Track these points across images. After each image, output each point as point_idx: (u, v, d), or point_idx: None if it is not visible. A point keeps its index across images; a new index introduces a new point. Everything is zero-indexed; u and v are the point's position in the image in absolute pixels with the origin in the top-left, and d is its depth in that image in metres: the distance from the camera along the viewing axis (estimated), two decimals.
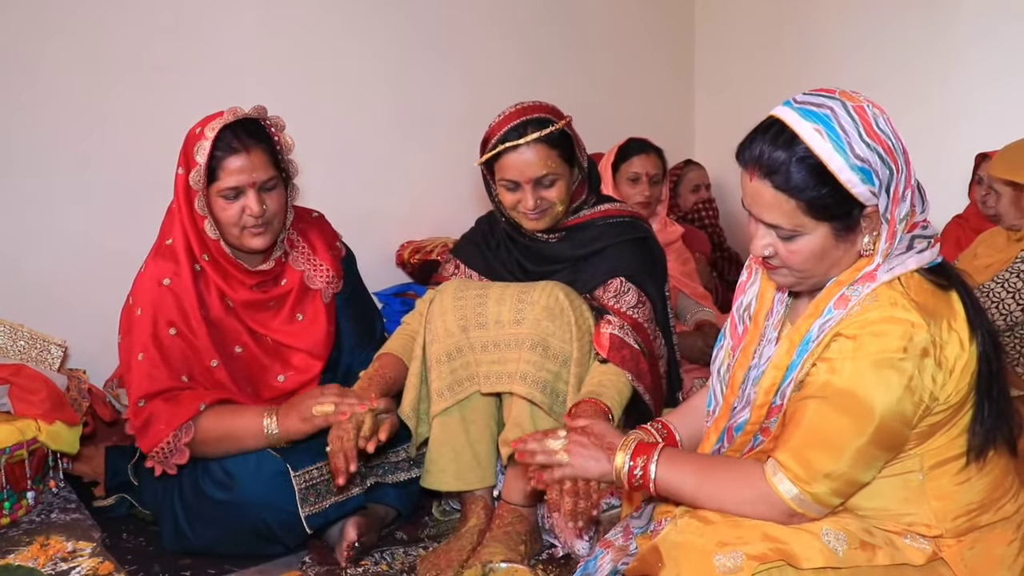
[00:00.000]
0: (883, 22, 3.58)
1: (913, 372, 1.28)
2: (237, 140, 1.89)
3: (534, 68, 3.64)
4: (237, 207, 1.91)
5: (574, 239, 2.11)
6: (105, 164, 2.63)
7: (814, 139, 1.29)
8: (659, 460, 1.45)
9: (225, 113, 1.90)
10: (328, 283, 2.12)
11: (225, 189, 1.90)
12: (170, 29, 2.72)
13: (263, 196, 1.93)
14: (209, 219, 1.92)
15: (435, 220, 3.35)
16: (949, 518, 1.39)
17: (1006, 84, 3.22)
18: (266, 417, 1.90)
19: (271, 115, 1.97)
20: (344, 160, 3.16)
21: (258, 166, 1.91)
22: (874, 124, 1.30)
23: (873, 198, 1.30)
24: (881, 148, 1.29)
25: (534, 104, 2.03)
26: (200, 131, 1.89)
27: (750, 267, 1.61)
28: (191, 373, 1.94)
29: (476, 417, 2.03)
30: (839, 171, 1.28)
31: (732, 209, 4.21)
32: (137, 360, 1.91)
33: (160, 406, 1.90)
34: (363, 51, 3.17)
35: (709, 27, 4.31)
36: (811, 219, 1.32)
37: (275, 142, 1.98)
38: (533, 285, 2.00)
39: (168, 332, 1.92)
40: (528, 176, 1.98)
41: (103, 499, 2.23)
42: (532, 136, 1.95)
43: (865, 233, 1.34)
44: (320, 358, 2.09)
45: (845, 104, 1.31)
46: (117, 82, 2.64)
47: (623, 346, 1.95)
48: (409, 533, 2.13)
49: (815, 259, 1.36)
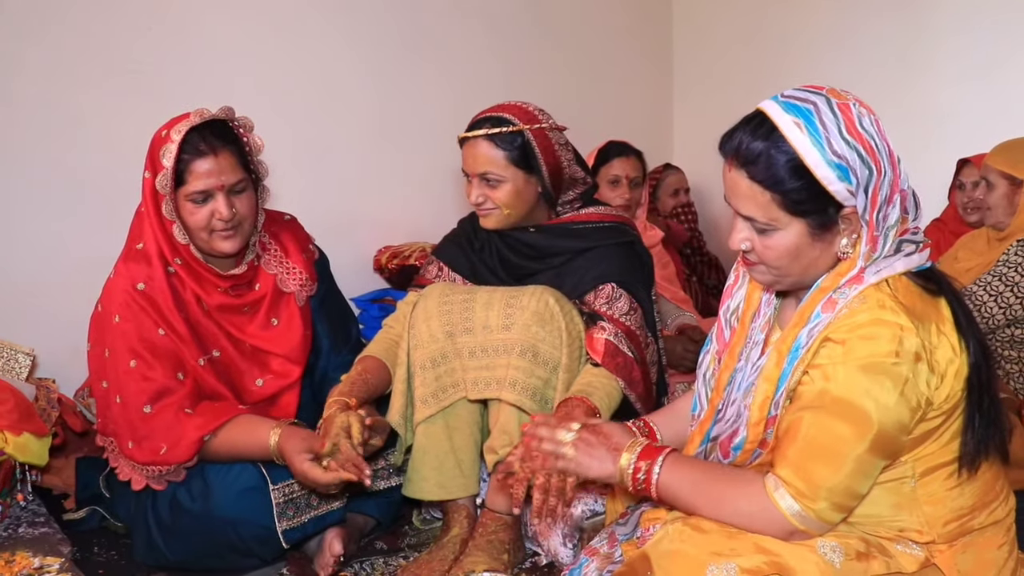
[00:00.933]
0: (860, 26, 3.60)
1: (908, 376, 1.27)
2: (204, 142, 1.85)
3: (513, 72, 3.62)
4: (206, 211, 1.87)
5: (557, 232, 2.09)
6: (78, 167, 2.57)
7: (792, 132, 1.27)
8: (663, 464, 1.42)
9: (191, 115, 1.85)
10: (302, 286, 2.08)
11: (193, 193, 1.86)
12: (148, 31, 2.67)
13: (232, 199, 1.89)
14: (178, 223, 1.88)
15: (413, 225, 3.31)
16: (941, 523, 1.37)
17: (983, 88, 3.25)
18: (272, 432, 1.86)
19: (240, 116, 1.93)
20: (321, 163, 3.12)
21: (226, 169, 1.87)
22: (857, 123, 1.28)
23: (851, 197, 1.28)
24: (861, 147, 1.27)
25: (509, 104, 2.02)
26: (166, 133, 1.84)
27: (737, 271, 1.60)
28: (183, 371, 1.91)
29: (460, 424, 2.00)
30: (815, 166, 1.26)
31: (711, 213, 4.21)
32: (128, 367, 1.87)
33: (171, 416, 1.86)
34: (342, 55, 3.14)
35: (687, 30, 4.32)
36: (785, 213, 1.31)
37: (244, 143, 1.94)
38: (522, 290, 1.98)
39: (157, 332, 1.89)
40: (474, 170, 2.00)
41: (73, 512, 2.18)
42: (480, 132, 1.97)
43: (843, 235, 1.33)
44: (298, 363, 2.06)
45: (830, 101, 1.30)
46: (93, 84, 2.58)
47: (617, 353, 1.94)
48: (389, 543, 2.10)
49: (789, 257, 1.34)
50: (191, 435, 1.85)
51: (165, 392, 1.87)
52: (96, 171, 2.58)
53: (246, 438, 1.87)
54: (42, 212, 2.54)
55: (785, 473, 1.32)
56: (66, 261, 2.55)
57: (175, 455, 1.85)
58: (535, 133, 1.98)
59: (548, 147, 2.01)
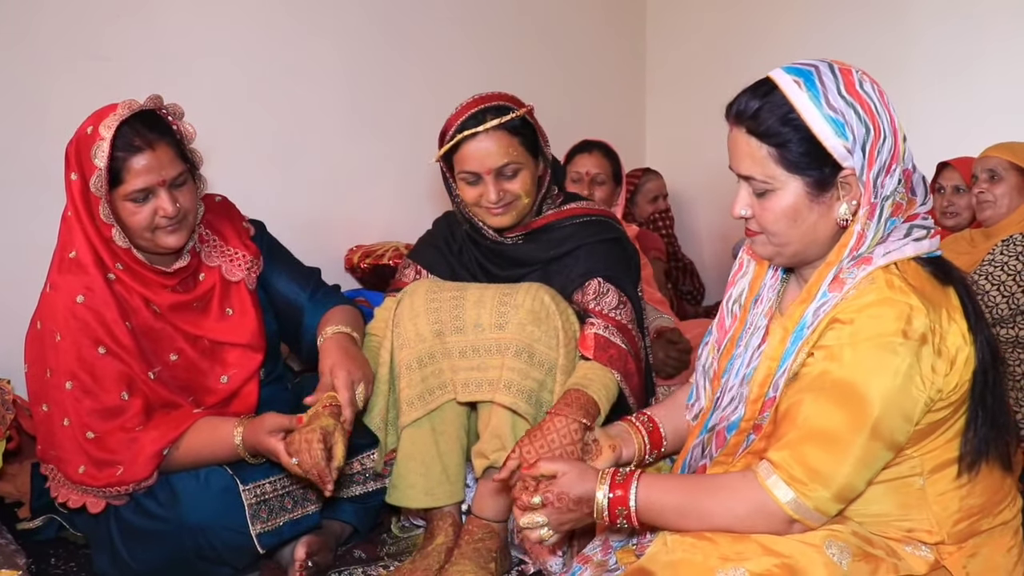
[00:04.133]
0: (834, 29, 3.62)
1: (912, 360, 1.25)
2: (139, 137, 1.72)
3: (487, 70, 3.57)
4: (148, 209, 1.75)
5: (541, 240, 2.02)
6: (37, 157, 2.45)
7: (791, 88, 1.30)
8: (639, 489, 1.38)
9: (119, 107, 1.72)
10: (249, 269, 1.98)
11: (133, 192, 1.73)
12: (111, 17, 2.57)
13: (175, 193, 1.78)
14: (116, 227, 1.76)
15: (386, 224, 3.25)
16: (950, 523, 1.35)
17: (957, 91, 3.27)
18: (236, 428, 1.78)
19: (168, 103, 1.81)
20: (290, 159, 3.04)
21: (166, 162, 1.75)
22: (857, 84, 1.31)
23: (848, 156, 1.28)
24: (859, 105, 1.29)
25: (492, 93, 1.96)
26: (93, 130, 1.72)
27: (741, 259, 1.58)
28: (130, 389, 1.79)
29: (446, 428, 1.93)
30: (812, 120, 1.28)
31: (686, 219, 4.21)
32: (65, 390, 1.75)
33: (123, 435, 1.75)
34: (313, 48, 3.07)
35: (660, 34, 4.33)
36: (783, 170, 1.31)
37: (176, 132, 1.82)
38: (516, 287, 1.91)
39: (97, 352, 1.76)
40: (488, 166, 1.90)
41: (28, 521, 2.09)
42: (491, 123, 1.88)
43: (843, 200, 1.32)
44: (259, 349, 1.96)
45: (832, 65, 1.32)
46: (58, 72, 2.48)
47: (609, 345, 1.87)
48: (367, 551, 2.03)
49: (787, 219, 1.34)
50: (148, 449, 1.75)
51: (111, 414, 1.77)
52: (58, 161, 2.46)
53: (210, 442, 1.78)
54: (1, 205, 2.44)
55: (780, 457, 1.29)
56: (24, 255, 2.41)
57: (133, 473, 1.75)
58: (530, 115, 1.95)
59: (540, 128, 1.98)
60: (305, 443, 1.64)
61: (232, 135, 2.73)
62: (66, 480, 1.80)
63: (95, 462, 1.76)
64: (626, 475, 1.40)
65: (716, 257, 4.12)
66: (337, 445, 1.67)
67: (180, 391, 1.88)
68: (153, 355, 1.84)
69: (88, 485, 1.77)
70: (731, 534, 1.31)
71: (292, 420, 1.72)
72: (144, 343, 1.83)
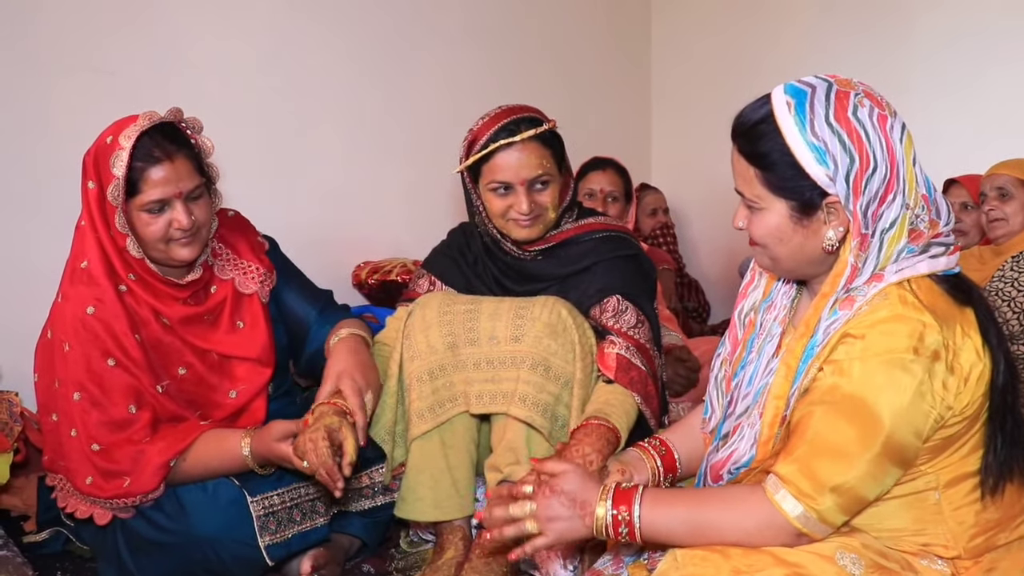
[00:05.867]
0: (838, 47, 3.64)
1: (923, 377, 1.23)
2: (158, 148, 1.73)
3: (494, 87, 3.58)
4: (163, 221, 1.75)
5: (559, 256, 2.01)
6: (45, 172, 2.46)
7: (781, 110, 1.28)
8: (642, 503, 1.36)
9: (139, 118, 1.73)
10: (262, 282, 1.97)
11: (149, 203, 1.73)
12: (118, 31, 2.58)
13: (190, 206, 1.78)
14: (131, 237, 1.76)
15: (393, 240, 3.25)
16: (967, 538, 1.33)
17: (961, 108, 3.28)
18: (243, 439, 1.77)
19: (187, 116, 1.82)
20: (298, 175, 3.04)
21: (183, 175, 1.76)
22: (850, 111, 1.27)
23: (831, 184, 1.27)
24: (846, 134, 1.26)
25: (520, 105, 1.96)
26: (112, 139, 1.72)
27: (753, 271, 1.57)
28: (138, 402, 1.78)
29: (456, 441, 1.91)
30: (795, 146, 1.27)
31: (692, 236, 4.20)
32: (73, 401, 1.75)
33: (130, 447, 1.75)
34: (319, 63, 3.08)
35: (666, 50, 4.35)
36: (768, 192, 1.32)
37: (194, 146, 1.82)
38: (532, 300, 1.89)
39: (107, 364, 1.76)
40: (523, 177, 1.89)
41: (35, 534, 2.07)
42: (528, 133, 1.88)
43: (829, 226, 1.31)
44: (268, 364, 1.94)
45: (831, 86, 1.30)
46: (61, 81, 2.48)
47: (630, 367, 1.86)
48: (376, 566, 2.01)
49: (773, 238, 1.35)
50: (155, 461, 1.74)
51: (118, 426, 1.76)
52: (68, 176, 2.46)
53: (217, 454, 1.77)
54: (7, 219, 2.43)
55: (788, 471, 1.28)
56: (30, 266, 2.42)
57: (140, 485, 1.74)
58: (554, 128, 1.95)
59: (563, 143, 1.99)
60: (311, 443, 1.63)
61: (239, 151, 2.72)
62: (74, 490, 1.79)
63: (102, 473, 1.75)
64: (629, 490, 1.38)
65: (722, 274, 4.11)
66: (347, 441, 1.65)
67: (188, 405, 1.87)
68: (162, 368, 1.83)
69: (95, 496, 1.76)
70: (740, 547, 1.30)
71: (298, 424, 1.71)
72: (153, 356, 1.82)
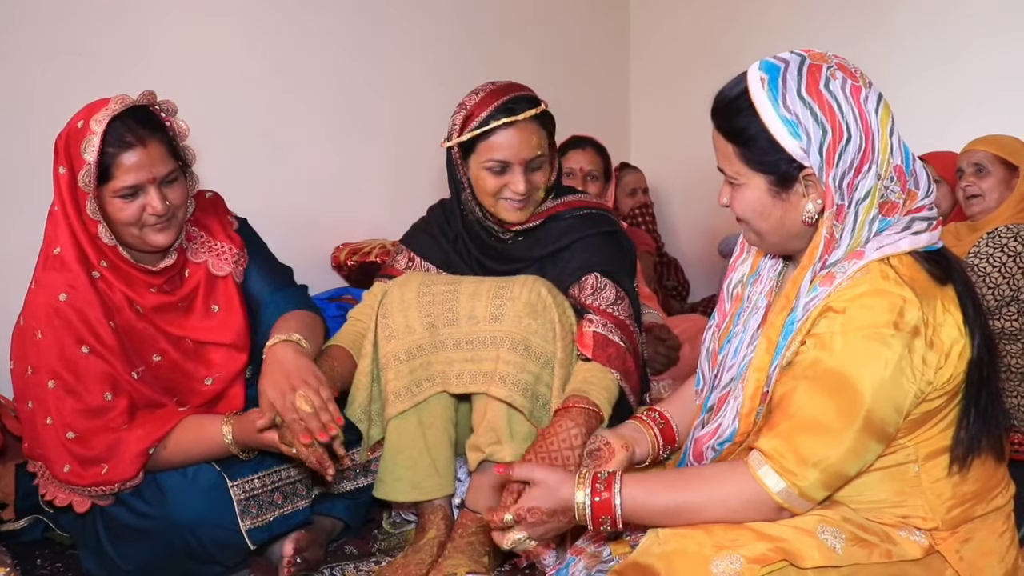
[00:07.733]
0: (816, 25, 3.65)
1: (903, 352, 1.25)
2: (130, 133, 1.69)
3: (472, 66, 3.55)
4: (136, 206, 1.72)
5: (540, 235, 2.00)
6: (19, 157, 2.41)
7: (755, 86, 1.30)
8: (622, 486, 1.36)
9: (111, 102, 1.69)
10: (236, 262, 1.94)
11: (122, 188, 1.70)
12: (91, 12, 2.53)
13: (165, 190, 1.75)
14: (103, 223, 1.73)
15: (372, 221, 3.23)
16: (945, 510, 1.35)
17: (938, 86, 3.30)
18: (224, 426, 1.76)
19: (161, 99, 1.78)
20: (276, 157, 3.01)
21: (157, 160, 1.72)
22: (822, 84, 1.28)
23: (805, 156, 1.28)
24: (818, 106, 1.27)
25: (513, 83, 1.93)
26: (84, 124, 1.68)
27: (742, 244, 1.58)
28: (114, 389, 1.76)
29: (434, 421, 1.90)
30: (768, 121, 1.29)
31: (671, 214, 4.21)
32: (47, 389, 1.72)
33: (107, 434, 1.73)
34: (298, 44, 3.04)
35: (644, 28, 4.33)
36: (747, 167, 1.34)
37: (168, 129, 1.79)
38: (512, 280, 1.88)
39: (80, 351, 1.73)
40: (523, 157, 1.87)
41: (13, 522, 2.05)
42: (529, 113, 1.86)
43: (808, 199, 1.32)
44: (244, 349, 1.92)
45: (804, 60, 1.31)
46: (35, 69, 2.44)
47: (607, 344, 1.84)
48: (359, 547, 2.01)
49: (756, 214, 1.37)
50: (133, 448, 1.73)
51: (94, 413, 1.74)
52: (39, 157, 2.42)
53: (198, 440, 1.76)
54: None
55: (770, 446, 1.29)
56: (5, 255, 2.38)
57: (118, 473, 1.72)
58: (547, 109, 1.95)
59: None
60: (292, 435, 1.65)
61: (217, 133, 2.69)
62: (53, 478, 1.77)
63: (80, 460, 1.74)
64: (607, 476, 1.38)
65: (702, 253, 4.13)
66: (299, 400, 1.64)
67: (164, 392, 1.85)
68: (136, 355, 1.81)
69: (73, 484, 1.75)
70: (722, 523, 1.31)
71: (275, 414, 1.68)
72: (127, 343, 1.80)
